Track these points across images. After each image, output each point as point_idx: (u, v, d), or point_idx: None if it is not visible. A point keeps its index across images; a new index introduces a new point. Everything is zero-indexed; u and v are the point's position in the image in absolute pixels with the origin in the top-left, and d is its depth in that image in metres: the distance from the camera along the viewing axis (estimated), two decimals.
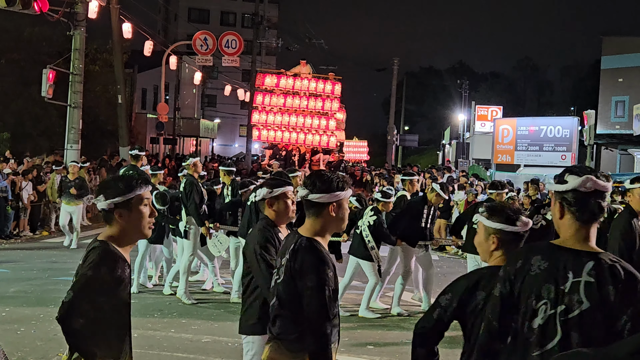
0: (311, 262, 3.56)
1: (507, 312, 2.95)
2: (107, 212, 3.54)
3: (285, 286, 3.64)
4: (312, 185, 3.72)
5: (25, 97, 28.56)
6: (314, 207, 3.73)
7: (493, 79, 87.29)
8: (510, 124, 28.77)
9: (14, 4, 17.77)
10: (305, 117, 28.51)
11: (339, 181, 3.73)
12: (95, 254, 3.49)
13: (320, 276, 3.52)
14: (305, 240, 3.64)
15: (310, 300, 3.52)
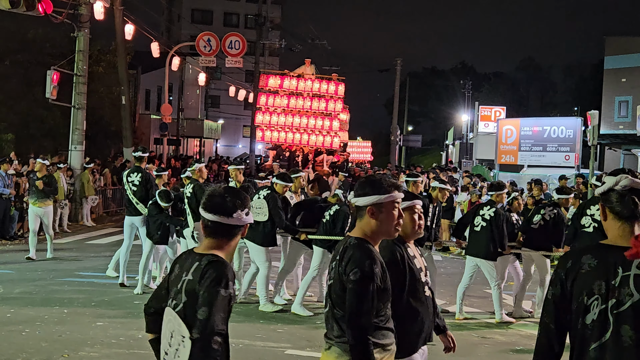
0: (357, 256, 3.52)
1: (562, 314, 3.04)
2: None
3: (336, 287, 3.59)
4: (359, 189, 3.70)
5: (30, 99, 28.61)
6: (359, 210, 3.69)
7: (496, 79, 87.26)
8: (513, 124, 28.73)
9: (18, 6, 17.78)
10: (309, 117, 28.53)
11: (382, 184, 3.66)
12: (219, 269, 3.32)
13: (364, 269, 3.47)
14: (354, 239, 3.62)
15: (350, 293, 3.48)
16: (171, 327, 3.34)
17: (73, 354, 7.73)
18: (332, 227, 10.32)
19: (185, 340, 3.25)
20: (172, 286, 3.43)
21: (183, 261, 3.46)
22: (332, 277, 3.63)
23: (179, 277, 3.40)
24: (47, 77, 20.78)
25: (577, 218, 10.27)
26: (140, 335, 8.57)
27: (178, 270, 3.44)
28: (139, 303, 10.43)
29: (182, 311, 3.30)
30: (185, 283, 3.32)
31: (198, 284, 3.26)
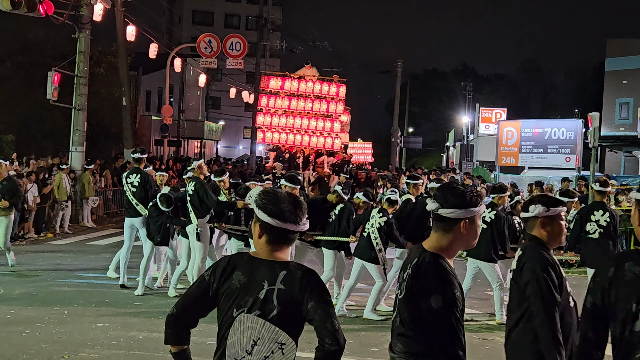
0: (435, 281, 3.31)
1: (602, 322, 2.98)
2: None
3: (406, 304, 3.40)
4: (443, 198, 3.45)
5: (30, 100, 28.61)
6: (443, 221, 3.44)
7: (497, 80, 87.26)
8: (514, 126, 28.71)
9: (20, 7, 17.81)
10: (310, 119, 28.52)
11: (472, 195, 3.46)
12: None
13: (446, 296, 3.27)
14: (430, 256, 3.38)
15: (437, 323, 3.28)
16: (253, 335, 3.30)
17: (73, 355, 7.72)
18: (338, 226, 10.41)
19: (286, 347, 3.30)
20: (240, 295, 3.32)
21: (247, 268, 3.36)
22: (402, 290, 3.45)
23: (250, 285, 3.32)
24: (48, 78, 20.80)
25: (581, 224, 10.26)
26: (141, 336, 8.57)
27: (244, 278, 3.33)
28: (139, 304, 10.43)
29: (276, 320, 3.28)
30: (274, 292, 3.28)
31: (299, 293, 3.27)
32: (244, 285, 3.32)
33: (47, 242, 17.75)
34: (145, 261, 11.27)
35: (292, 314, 3.29)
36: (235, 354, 3.34)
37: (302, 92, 28.72)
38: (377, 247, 10.08)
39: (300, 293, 3.26)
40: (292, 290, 3.27)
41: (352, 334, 9.20)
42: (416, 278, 3.36)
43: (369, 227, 10.15)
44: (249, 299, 3.30)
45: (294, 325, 3.33)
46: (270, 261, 3.35)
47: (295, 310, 3.28)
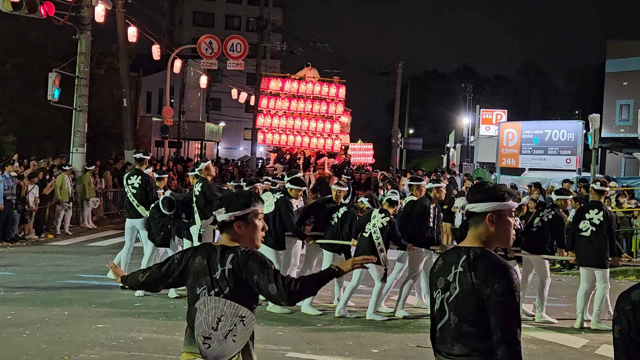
0: (496, 267, 3.32)
1: (636, 348, 2.86)
2: (226, 223, 3.97)
3: (465, 300, 3.35)
4: (470, 195, 3.55)
5: (31, 101, 28.63)
6: (472, 217, 3.51)
7: (497, 82, 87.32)
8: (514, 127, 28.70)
9: (20, 8, 17.83)
10: (310, 120, 28.56)
11: (498, 191, 3.49)
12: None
13: (509, 280, 3.27)
14: (479, 250, 3.42)
15: (503, 306, 3.25)
16: (217, 313, 3.78)
17: (74, 356, 7.73)
18: (340, 229, 10.43)
19: (246, 319, 3.82)
20: (201, 275, 3.89)
21: (206, 253, 3.94)
22: (452, 291, 3.41)
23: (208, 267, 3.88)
24: (48, 79, 20.82)
25: (576, 222, 10.29)
26: (141, 337, 8.58)
27: (203, 262, 3.90)
28: (139, 305, 10.44)
29: (230, 296, 3.81)
30: (226, 272, 3.84)
31: (244, 271, 3.82)
32: (204, 268, 3.88)
33: (47, 243, 17.77)
34: (146, 262, 11.28)
35: (243, 289, 3.82)
36: (204, 332, 3.80)
37: (302, 93, 28.75)
38: (379, 247, 10.07)
39: (244, 270, 3.81)
40: (238, 269, 3.81)
41: (352, 336, 9.21)
42: (474, 270, 3.35)
43: (371, 227, 10.13)
44: (208, 278, 3.86)
45: (246, 299, 3.84)
46: (223, 246, 3.92)
47: (244, 286, 3.82)
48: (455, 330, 3.38)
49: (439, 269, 3.54)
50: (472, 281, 3.33)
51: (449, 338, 3.42)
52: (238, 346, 3.84)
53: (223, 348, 3.81)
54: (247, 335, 3.87)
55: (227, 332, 3.80)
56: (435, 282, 3.53)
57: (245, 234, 3.98)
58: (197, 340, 3.84)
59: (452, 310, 3.40)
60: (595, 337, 9.64)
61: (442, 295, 3.46)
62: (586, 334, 9.82)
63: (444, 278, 3.46)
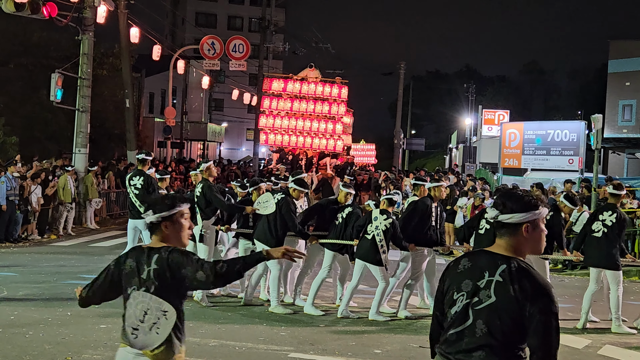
0: (542, 285, 3.28)
1: None
2: (154, 225, 4.25)
3: (501, 312, 3.28)
4: (502, 205, 3.45)
5: (34, 102, 28.68)
6: (504, 227, 3.44)
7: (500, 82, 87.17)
8: (517, 127, 28.73)
9: (23, 9, 17.84)
10: (312, 120, 28.57)
11: (531, 199, 3.45)
12: None
13: (553, 300, 3.28)
14: (521, 262, 3.39)
15: (546, 326, 3.26)
16: (144, 307, 4.11)
17: (76, 356, 7.74)
18: (344, 229, 10.45)
19: (168, 313, 4.09)
20: (130, 276, 4.19)
21: (135, 256, 4.22)
22: (482, 298, 3.34)
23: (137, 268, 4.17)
24: (51, 80, 20.84)
25: (589, 223, 10.32)
26: None
27: (133, 264, 4.20)
28: None
29: (156, 294, 4.09)
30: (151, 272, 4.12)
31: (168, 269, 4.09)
32: (133, 269, 4.18)
33: (50, 243, 17.79)
34: None
35: (168, 287, 4.10)
36: (132, 323, 4.15)
37: (304, 93, 28.75)
38: (382, 248, 10.08)
39: (168, 268, 4.09)
40: (162, 269, 4.11)
41: (354, 336, 9.22)
42: (519, 285, 3.28)
43: (373, 229, 10.12)
44: (137, 279, 4.16)
45: (171, 296, 4.11)
46: (150, 248, 4.21)
47: (169, 283, 4.10)
48: (482, 339, 3.30)
49: (465, 270, 3.45)
50: (514, 295, 3.27)
51: (468, 344, 3.34)
52: (161, 338, 4.12)
53: (148, 339, 4.13)
54: (169, 328, 4.12)
55: (152, 325, 4.11)
56: (458, 283, 3.44)
57: (172, 233, 4.23)
58: (126, 331, 4.18)
59: (480, 317, 3.32)
60: (598, 338, 9.64)
61: (467, 299, 3.38)
62: (589, 335, 9.82)
63: (473, 282, 3.38)
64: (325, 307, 10.87)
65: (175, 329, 4.15)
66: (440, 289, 3.56)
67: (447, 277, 3.53)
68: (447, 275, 3.54)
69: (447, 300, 3.48)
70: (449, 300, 3.47)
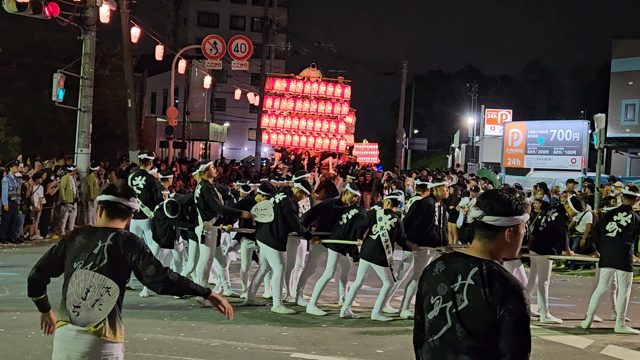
0: (512, 287, 3.23)
1: None
2: (110, 204, 4.52)
3: (476, 316, 3.25)
4: (488, 206, 3.36)
5: (36, 102, 28.68)
6: (487, 229, 3.37)
7: (502, 82, 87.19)
8: (520, 127, 28.68)
9: (25, 9, 17.85)
10: (315, 120, 28.54)
11: (518, 204, 3.37)
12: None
13: (523, 302, 3.21)
14: (493, 264, 3.31)
15: (516, 328, 3.19)
16: (86, 285, 4.33)
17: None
18: (348, 230, 10.43)
19: (111, 289, 4.31)
20: (79, 251, 4.40)
21: (87, 233, 4.50)
22: (457, 302, 3.31)
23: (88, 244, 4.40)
24: (53, 80, 20.83)
25: (604, 223, 10.31)
26: (146, 338, 8.57)
27: (83, 240, 4.44)
28: (144, 306, 10.44)
29: (105, 268, 4.33)
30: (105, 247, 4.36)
31: (123, 249, 4.36)
32: (83, 245, 4.41)
33: (52, 243, 17.65)
34: None
35: (118, 263, 4.34)
36: (74, 301, 4.35)
37: (307, 93, 28.73)
38: (387, 249, 10.06)
39: (123, 249, 4.35)
40: (117, 246, 4.35)
41: (356, 336, 9.20)
42: (490, 287, 3.24)
43: (378, 229, 10.09)
44: (85, 254, 4.37)
45: (119, 272, 4.36)
46: (105, 227, 4.47)
47: (120, 261, 4.35)
48: (463, 343, 3.28)
49: (439, 273, 3.40)
50: (486, 298, 3.23)
51: (451, 349, 3.31)
52: (103, 314, 4.31)
53: (90, 316, 4.31)
54: (112, 304, 4.31)
55: (95, 302, 4.31)
56: (434, 287, 3.39)
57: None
58: (67, 309, 4.37)
59: (458, 322, 3.29)
60: (601, 338, 9.62)
61: (443, 304, 3.35)
62: (591, 335, 9.79)
63: (447, 285, 3.35)
64: (328, 307, 10.85)
65: (117, 306, 4.35)
66: (419, 293, 3.52)
67: (424, 281, 3.48)
68: (423, 280, 3.49)
69: (425, 305, 3.43)
70: (426, 305, 3.42)
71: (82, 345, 4.35)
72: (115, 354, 4.41)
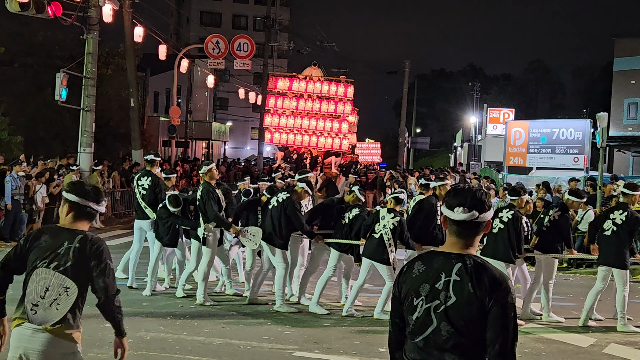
0: (498, 278, 3.26)
1: None
2: (90, 213, 4.59)
3: (463, 311, 3.25)
4: (482, 204, 3.39)
5: (39, 101, 28.74)
6: (471, 226, 3.40)
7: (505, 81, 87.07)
8: (522, 126, 28.69)
9: (28, 9, 17.88)
10: (318, 119, 28.55)
11: (488, 199, 3.46)
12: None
13: (509, 292, 3.26)
14: (476, 258, 3.35)
15: (503, 317, 3.22)
16: (46, 284, 4.36)
17: (82, 355, 7.73)
18: (349, 230, 10.41)
19: (70, 290, 4.37)
20: (44, 250, 4.40)
21: (53, 233, 4.50)
22: (444, 299, 3.30)
23: (53, 244, 4.42)
24: (56, 79, 20.86)
25: (601, 221, 10.33)
26: (149, 336, 8.60)
27: (49, 239, 4.45)
28: (147, 305, 10.47)
29: (69, 269, 4.36)
30: (71, 249, 4.39)
31: (88, 252, 4.41)
32: (48, 244, 4.42)
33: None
34: (153, 262, 11.31)
35: (81, 266, 4.38)
36: (33, 299, 4.38)
37: (309, 92, 28.74)
38: (390, 247, 10.05)
39: (89, 252, 4.39)
40: (84, 250, 4.39)
41: (359, 335, 9.22)
42: (477, 280, 3.26)
43: (381, 228, 10.08)
44: (50, 253, 4.38)
45: (81, 274, 4.39)
46: (71, 229, 4.48)
47: (84, 263, 4.39)
48: (449, 342, 3.27)
49: (420, 273, 3.39)
50: (472, 291, 3.25)
51: (437, 348, 3.30)
52: (60, 314, 4.37)
53: (47, 315, 4.36)
54: (70, 304, 4.39)
55: (53, 301, 4.36)
56: (415, 288, 3.37)
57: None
58: (25, 307, 4.39)
59: (443, 320, 3.28)
60: (603, 336, 9.62)
61: (427, 303, 3.34)
62: (594, 333, 9.80)
63: (430, 285, 3.34)
64: (330, 305, 10.87)
65: (75, 307, 4.45)
66: (396, 295, 3.49)
67: (403, 284, 3.45)
68: (402, 282, 3.46)
69: (407, 307, 3.41)
70: (408, 307, 3.40)
71: (38, 344, 4.37)
72: (72, 354, 4.55)
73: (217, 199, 10.47)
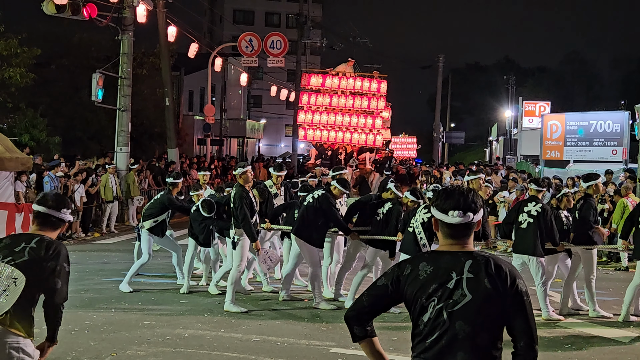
0: (511, 268, 3.30)
1: None
2: (56, 221, 4.82)
3: (482, 307, 3.22)
4: (475, 205, 3.38)
5: (75, 102, 29.09)
6: (471, 228, 3.42)
7: (540, 73, 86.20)
8: (558, 119, 28.36)
9: (64, 11, 18.12)
10: (351, 116, 28.46)
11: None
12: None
13: (522, 280, 3.30)
14: (485, 253, 3.37)
15: (528, 305, 3.26)
16: None
17: (121, 352, 7.83)
18: (384, 226, 10.35)
19: (17, 280, 4.45)
20: (3, 250, 4.57)
21: (14, 237, 4.75)
22: (458, 299, 3.25)
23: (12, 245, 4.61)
24: (92, 80, 21.10)
25: (637, 213, 10.10)
26: (187, 334, 8.66)
27: (8, 241, 4.68)
28: (185, 302, 10.54)
29: (22, 264, 4.49)
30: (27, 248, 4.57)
31: (45, 254, 4.57)
32: (7, 244, 4.63)
33: (94, 241, 18.03)
34: (189, 260, 11.39)
35: (35, 263, 4.53)
36: None
37: (342, 88, 28.69)
38: (422, 241, 9.94)
39: (45, 254, 4.56)
40: (39, 249, 4.57)
41: (396, 331, 9.17)
42: (496, 274, 3.25)
43: (414, 222, 10.02)
44: (8, 251, 4.57)
45: (33, 270, 4.51)
46: (32, 234, 4.71)
47: (38, 262, 4.53)
48: (465, 340, 3.23)
49: (428, 275, 3.32)
50: (490, 286, 3.22)
51: (450, 348, 3.24)
52: (8, 304, 4.44)
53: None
54: (16, 295, 4.44)
55: (1, 292, 4.45)
56: (424, 290, 3.30)
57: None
58: None
59: (459, 319, 3.23)
60: None
61: (439, 304, 3.27)
62: (635, 328, 9.63)
63: (441, 285, 3.28)
64: None
65: (25, 301, 4.50)
66: (389, 290, 3.41)
67: (407, 286, 3.36)
68: (405, 284, 3.37)
69: (417, 308, 3.34)
70: (418, 309, 3.33)
71: None
72: (21, 346, 4.56)
73: (251, 203, 10.03)
